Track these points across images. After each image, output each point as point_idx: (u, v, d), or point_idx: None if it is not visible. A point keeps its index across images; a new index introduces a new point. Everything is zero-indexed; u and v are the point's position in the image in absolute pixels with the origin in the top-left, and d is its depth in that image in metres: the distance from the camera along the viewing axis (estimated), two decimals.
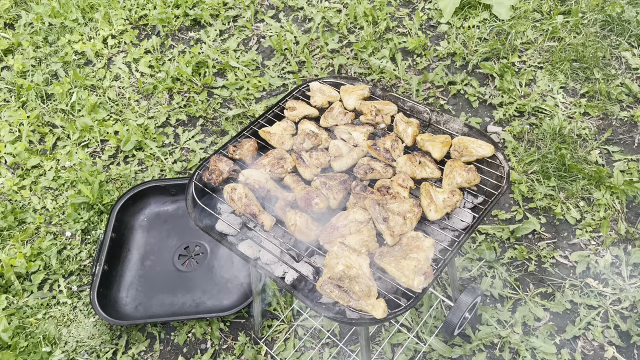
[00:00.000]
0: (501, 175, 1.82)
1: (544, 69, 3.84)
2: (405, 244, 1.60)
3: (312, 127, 1.97)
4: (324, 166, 1.88)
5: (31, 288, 3.00)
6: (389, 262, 1.56)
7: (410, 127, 1.92)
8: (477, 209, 1.81)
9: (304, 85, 2.20)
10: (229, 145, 1.97)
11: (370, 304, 1.49)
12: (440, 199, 1.70)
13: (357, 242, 1.60)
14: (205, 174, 1.86)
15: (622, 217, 3.01)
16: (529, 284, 2.83)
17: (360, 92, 2.07)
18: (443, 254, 1.65)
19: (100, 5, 4.69)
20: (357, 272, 1.52)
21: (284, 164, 1.86)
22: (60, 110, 3.96)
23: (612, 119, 3.50)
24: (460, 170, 1.76)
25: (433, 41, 4.19)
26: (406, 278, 1.51)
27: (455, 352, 2.61)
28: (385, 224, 1.62)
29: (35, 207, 3.36)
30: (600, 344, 2.59)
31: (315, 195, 1.71)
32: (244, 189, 1.75)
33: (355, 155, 1.86)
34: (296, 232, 1.66)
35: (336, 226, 1.64)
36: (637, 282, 2.75)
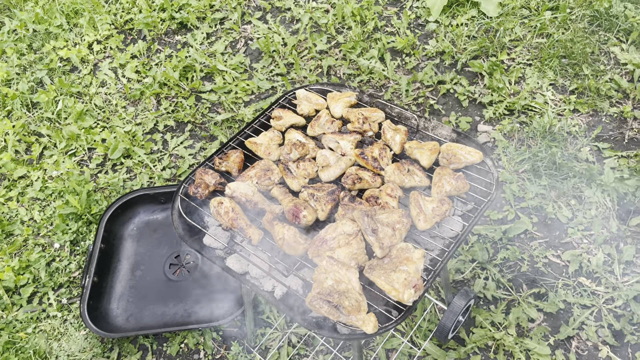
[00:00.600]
0: (490, 182, 1.80)
1: (533, 66, 3.83)
2: (394, 255, 1.58)
3: (299, 137, 1.94)
4: (311, 176, 1.85)
5: (20, 302, 2.96)
6: (379, 275, 1.54)
7: (398, 135, 1.89)
8: (467, 217, 1.80)
9: (290, 92, 2.17)
10: (214, 156, 1.94)
11: (360, 319, 1.46)
12: (429, 208, 1.68)
13: (346, 255, 1.58)
14: (191, 188, 1.83)
15: (613, 214, 3.01)
16: (522, 285, 2.82)
17: (347, 100, 2.04)
18: (434, 264, 1.64)
19: (85, 10, 4.63)
20: (346, 287, 1.50)
21: (270, 175, 1.83)
22: (46, 118, 3.91)
23: (602, 116, 3.49)
24: (449, 178, 1.74)
25: (422, 40, 4.16)
26: (396, 292, 1.48)
27: (449, 355, 2.60)
28: (374, 236, 1.60)
29: (22, 219, 3.32)
30: (594, 343, 2.59)
31: (303, 208, 1.69)
32: (230, 203, 1.72)
33: (343, 164, 1.84)
34: (284, 246, 1.64)
35: (325, 239, 1.62)
36: (630, 280, 2.75)
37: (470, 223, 1.65)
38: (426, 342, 2.62)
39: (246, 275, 1.73)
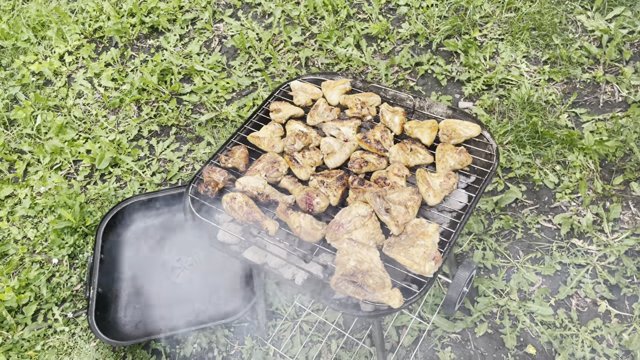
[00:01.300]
0: (490, 153, 1.87)
1: (505, 41, 3.93)
2: (410, 231, 1.64)
3: (300, 127, 1.98)
4: (317, 164, 1.90)
5: (25, 321, 2.94)
6: (398, 251, 1.59)
7: (397, 116, 1.95)
8: (471, 188, 1.86)
9: (284, 85, 2.20)
10: (219, 154, 1.97)
11: (386, 294, 1.52)
12: (437, 183, 1.74)
13: (364, 236, 1.63)
14: (201, 187, 1.85)
15: (597, 176, 3.13)
16: (519, 251, 2.93)
17: (342, 87, 2.09)
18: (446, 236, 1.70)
19: (52, 22, 4.55)
20: (369, 266, 1.55)
21: (278, 167, 1.86)
22: (26, 135, 3.84)
23: (576, 82, 3.61)
24: (451, 153, 1.81)
25: (394, 24, 4.22)
26: (417, 265, 1.54)
27: (457, 326, 2.68)
28: (388, 215, 1.65)
29: (15, 238, 3.28)
30: (592, 299, 2.71)
31: (315, 195, 1.73)
32: (243, 197, 1.75)
33: (347, 150, 1.88)
34: (301, 233, 1.68)
35: (341, 223, 1.66)
36: (620, 236, 2.88)
37: (478, 192, 1.72)
38: (434, 316, 2.70)
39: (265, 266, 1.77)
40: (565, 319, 2.65)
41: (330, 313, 2.80)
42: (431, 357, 2.64)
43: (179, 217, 3.22)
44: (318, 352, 2.70)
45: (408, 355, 2.63)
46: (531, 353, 2.59)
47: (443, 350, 2.64)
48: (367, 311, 1.60)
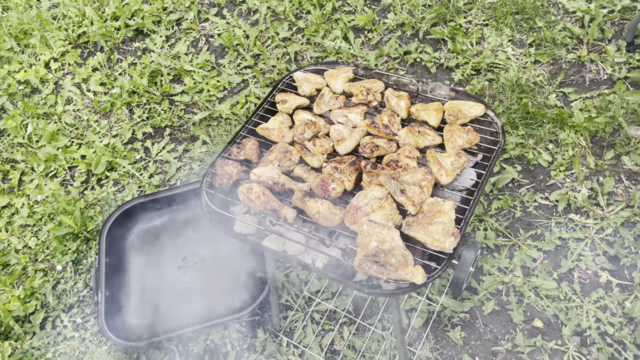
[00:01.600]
0: (496, 131, 1.92)
1: (489, 26, 4.00)
2: (427, 210, 1.68)
3: (308, 116, 2.01)
4: (328, 152, 1.93)
5: (33, 329, 2.92)
6: (417, 230, 1.63)
7: (402, 100, 1.99)
8: (479, 166, 1.91)
9: (287, 77, 2.23)
10: (230, 147, 1.99)
11: (409, 272, 1.56)
12: (448, 162, 1.78)
13: (382, 218, 1.67)
14: (216, 180, 1.87)
15: (588, 152, 3.22)
16: (519, 229, 2.99)
17: (345, 75, 2.12)
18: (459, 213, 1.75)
19: (34, 29, 4.50)
20: (390, 245, 1.59)
21: (290, 156, 1.89)
22: (17, 144, 3.80)
23: (562, 63, 3.70)
24: (459, 132, 1.85)
25: (380, 15, 4.27)
26: (438, 242, 1.59)
27: (465, 305, 2.74)
28: (404, 196, 1.69)
29: (16, 247, 3.25)
30: (594, 271, 2.79)
31: (330, 181, 1.76)
32: (260, 188, 1.78)
33: (356, 136, 1.92)
34: (320, 219, 1.71)
35: (358, 206, 1.70)
36: (615, 209, 2.97)
37: (489, 167, 1.77)
38: (442, 297, 2.76)
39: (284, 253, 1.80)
40: (569, 292, 2.72)
41: (340, 301, 2.83)
42: (442, 337, 2.69)
43: (181, 216, 3.22)
44: (331, 340, 2.73)
45: (419, 337, 2.68)
46: (538, 326, 2.66)
47: (453, 329, 2.70)
48: (390, 290, 1.64)
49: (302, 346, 2.72)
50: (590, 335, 2.59)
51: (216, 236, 3.11)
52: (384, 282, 1.69)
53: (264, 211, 1.76)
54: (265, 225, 1.82)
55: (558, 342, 2.59)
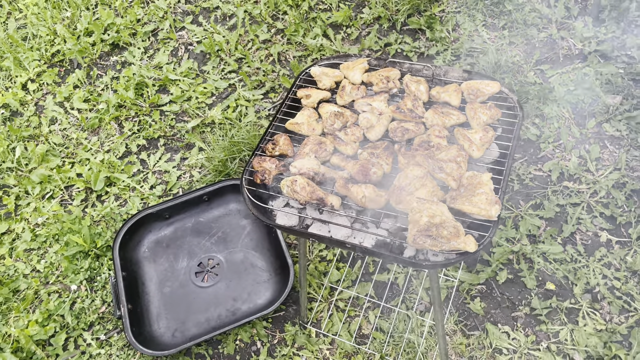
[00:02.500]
0: (512, 105, 2.06)
1: (462, 13, 4.17)
2: (467, 183, 1.79)
3: (334, 108, 2.09)
4: (360, 140, 2.01)
5: (55, 352, 2.88)
6: (463, 202, 1.74)
7: (422, 85, 2.10)
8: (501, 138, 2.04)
9: (302, 73, 2.30)
10: (262, 145, 2.04)
11: (461, 241, 1.66)
12: (477, 138, 1.90)
13: (427, 194, 1.77)
14: (257, 176, 1.93)
15: (572, 122, 3.42)
16: (519, 201, 3.16)
17: (361, 66, 2.21)
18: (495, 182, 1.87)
19: (5, 51, 4.38)
20: (441, 219, 1.69)
21: (325, 147, 1.97)
22: (7, 169, 3.71)
23: (535, 42, 3.90)
24: (482, 109, 1.97)
25: (356, 10, 4.38)
26: (485, 211, 1.70)
27: (481, 277, 2.88)
28: (443, 172, 1.80)
29: (24, 273, 3.18)
30: (594, 232, 2.98)
31: (371, 166, 1.85)
32: (303, 179, 1.85)
33: (385, 122, 2.01)
34: (367, 202, 1.80)
35: (402, 187, 1.79)
36: (604, 173, 3.17)
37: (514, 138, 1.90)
38: (459, 272, 2.89)
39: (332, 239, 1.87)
40: (574, 253, 2.90)
41: (361, 288, 2.92)
42: (463, 309, 2.82)
43: (189, 224, 3.24)
44: (358, 325, 2.82)
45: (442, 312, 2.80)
46: (551, 289, 2.82)
47: (473, 301, 2.83)
48: (440, 261, 1.74)
49: (332, 334, 2.80)
50: (599, 291, 2.77)
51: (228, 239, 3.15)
52: (432, 256, 1.79)
53: (310, 201, 1.83)
54: (309, 215, 1.89)
55: (571, 300, 2.76)
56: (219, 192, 3.25)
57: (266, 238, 3.13)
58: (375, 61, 2.28)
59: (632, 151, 3.23)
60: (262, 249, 3.11)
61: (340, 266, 3.02)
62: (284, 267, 2.94)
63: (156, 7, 4.63)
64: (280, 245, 2.98)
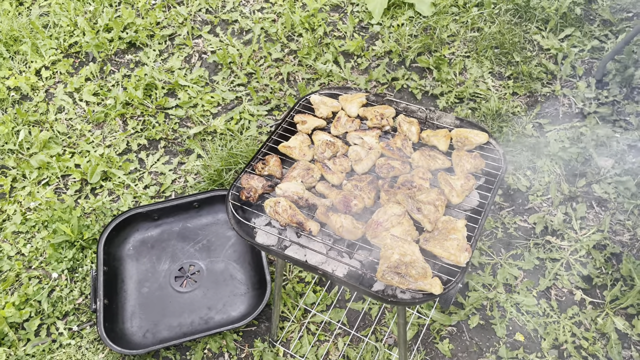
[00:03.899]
0: (497, 157, 2.13)
1: (471, 58, 4.27)
2: (442, 227, 1.85)
3: (327, 137, 2.16)
4: (347, 171, 2.08)
5: (27, 336, 2.92)
6: (434, 245, 1.80)
7: (414, 126, 2.17)
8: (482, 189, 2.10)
9: (303, 99, 2.38)
10: (253, 164, 2.11)
11: (428, 283, 1.72)
12: (458, 185, 1.97)
13: (401, 233, 1.83)
14: (243, 193, 1.99)
15: (563, 179, 3.49)
16: (501, 249, 3.21)
17: (359, 100, 2.29)
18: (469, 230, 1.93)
19: (25, 36, 4.50)
20: (411, 258, 1.75)
21: (312, 173, 2.03)
22: (8, 150, 3.79)
23: (537, 96, 3.99)
24: (467, 158, 2.04)
25: (369, 42, 4.49)
26: (454, 256, 1.76)
27: (453, 319, 2.92)
28: (421, 214, 1.86)
29: (9, 254, 3.23)
30: (569, 289, 3.03)
31: (352, 198, 1.91)
32: (286, 202, 1.91)
33: (373, 157, 2.08)
34: (344, 232, 1.86)
35: (379, 222, 1.85)
36: (587, 232, 3.23)
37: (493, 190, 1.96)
38: (432, 311, 2.93)
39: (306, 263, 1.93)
40: (547, 308, 2.94)
41: (334, 313, 2.97)
42: (431, 349, 2.85)
43: (177, 228, 3.29)
44: (326, 350, 2.85)
45: (410, 349, 2.84)
46: (520, 340, 2.86)
47: (442, 342, 2.87)
48: (407, 299, 1.79)
49: (299, 356, 2.83)
50: (567, 349, 2.81)
51: (212, 248, 3.21)
52: (399, 293, 1.85)
53: (290, 223, 1.89)
54: (288, 237, 1.95)
55: (538, 354, 2.80)
56: (209, 200, 3.31)
57: (249, 252, 3.18)
58: (374, 97, 2.36)
59: (617, 215, 3.29)
60: (243, 262, 3.16)
61: (317, 289, 3.06)
62: (262, 282, 2.99)
63: (177, 12, 4.75)
64: (261, 261, 3.04)
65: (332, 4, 4.79)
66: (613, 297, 2.95)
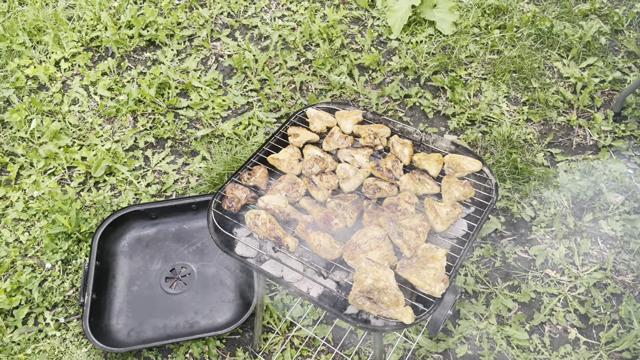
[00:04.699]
0: (489, 187, 2.07)
1: (487, 80, 4.20)
2: (421, 255, 1.80)
3: (317, 152, 2.14)
4: (333, 188, 2.05)
5: (15, 323, 2.95)
6: (410, 272, 1.75)
7: (406, 148, 2.13)
8: (471, 218, 2.05)
9: (300, 112, 2.36)
10: (240, 173, 2.10)
11: (399, 311, 1.67)
12: (444, 212, 1.92)
13: (379, 257, 1.79)
14: (225, 202, 1.98)
15: (569, 212, 3.39)
16: (497, 278, 3.13)
17: (355, 117, 2.26)
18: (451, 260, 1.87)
19: (48, 27, 4.59)
20: (385, 284, 1.71)
21: (297, 188, 2.01)
22: (19, 138, 3.86)
23: (552, 124, 3.90)
24: (457, 185, 1.99)
25: (385, 57, 4.45)
26: (428, 286, 1.71)
27: (440, 346, 2.85)
28: (401, 239, 1.82)
29: (7, 241, 3.28)
30: (563, 327, 2.93)
31: (334, 216, 1.88)
32: (266, 215, 1.89)
33: (361, 176, 2.05)
34: (321, 251, 1.82)
35: (357, 244, 1.82)
36: (589, 269, 3.13)
37: (479, 222, 1.91)
38: (419, 336, 2.87)
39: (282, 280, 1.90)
40: (539, 344, 2.85)
41: (320, 329, 2.92)
42: None
43: (173, 228, 3.30)
44: None
45: None
46: None
47: None
48: (378, 326, 1.75)
49: None
50: None
51: (206, 252, 3.20)
52: (373, 318, 1.80)
53: (268, 237, 1.87)
54: (266, 251, 1.93)
55: None
56: (208, 203, 3.31)
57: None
58: (371, 115, 2.33)
59: (622, 254, 3.18)
60: (235, 269, 3.14)
61: (305, 303, 3.03)
62: (251, 291, 2.97)
63: (199, 14, 4.79)
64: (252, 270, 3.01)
65: (353, 16, 4.77)
66: (609, 339, 2.84)
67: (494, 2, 4.70)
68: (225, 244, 2.00)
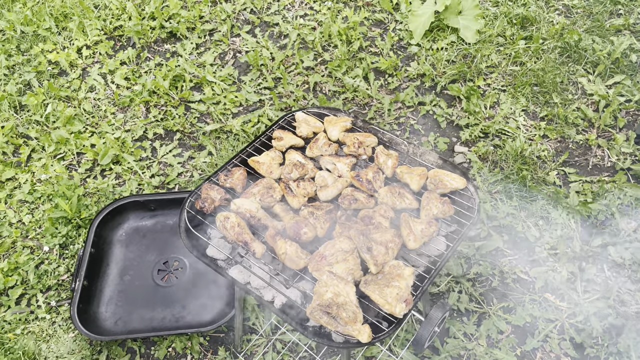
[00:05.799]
0: (472, 207, 1.99)
1: (506, 92, 4.07)
2: (387, 272, 1.74)
3: (298, 158, 2.10)
4: (310, 195, 2.00)
5: (8, 303, 3.02)
6: (373, 289, 1.70)
7: (390, 159, 2.07)
8: (450, 237, 1.97)
9: (289, 114, 2.32)
10: (219, 173, 2.08)
11: (356, 329, 1.62)
12: (418, 229, 1.85)
13: (344, 270, 1.74)
14: (198, 202, 1.96)
15: (577, 235, 3.25)
16: (493, 298, 3.03)
17: (343, 124, 2.21)
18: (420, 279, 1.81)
19: (75, 14, 4.68)
20: (344, 300, 1.65)
21: (273, 193, 1.97)
22: (34, 121, 3.95)
23: (569, 142, 3.75)
24: (436, 202, 1.92)
25: (404, 62, 4.37)
26: (389, 305, 1.65)
27: None
28: (369, 254, 1.76)
29: (11, 221, 3.36)
30: (557, 355, 2.81)
31: (304, 225, 1.84)
32: (236, 218, 1.86)
33: (339, 185, 2.00)
34: (286, 260, 1.78)
35: (324, 255, 1.77)
36: (591, 297, 2.99)
37: (454, 244, 1.83)
38: (403, 351, 2.79)
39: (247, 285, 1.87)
40: None
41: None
42: None
43: (171, 221, 3.32)
44: None
45: None
46: None
47: None
48: (338, 342, 1.70)
49: None
50: None
51: None
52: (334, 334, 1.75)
53: (236, 242, 1.84)
54: (234, 255, 1.90)
55: None
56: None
57: None
58: (361, 123, 2.27)
59: (628, 284, 3.03)
60: None
61: None
62: None
63: (222, 9, 4.80)
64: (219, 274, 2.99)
65: (375, 18, 4.70)
66: None
67: (522, 11, 4.55)
68: (198, 245, 1.98)
